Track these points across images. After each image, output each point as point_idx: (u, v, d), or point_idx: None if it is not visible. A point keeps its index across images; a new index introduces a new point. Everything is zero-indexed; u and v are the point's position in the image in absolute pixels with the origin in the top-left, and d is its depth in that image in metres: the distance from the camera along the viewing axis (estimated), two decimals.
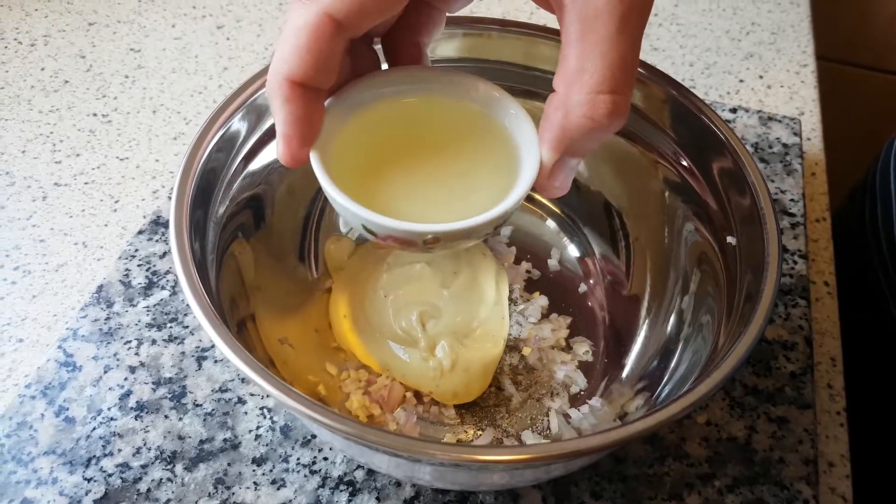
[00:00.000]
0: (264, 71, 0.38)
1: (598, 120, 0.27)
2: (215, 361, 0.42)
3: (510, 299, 0.45)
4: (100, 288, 0.45)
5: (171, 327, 0.44)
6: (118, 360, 0.42)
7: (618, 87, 0.26)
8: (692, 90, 0.40)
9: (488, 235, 0.32)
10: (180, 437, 0.39)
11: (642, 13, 0.26)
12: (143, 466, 0.38)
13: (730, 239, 0.37)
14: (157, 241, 0.48)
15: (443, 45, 0.42)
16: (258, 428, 0.40)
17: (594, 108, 0.27)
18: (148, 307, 0.45)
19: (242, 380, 0.42)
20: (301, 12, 0.26)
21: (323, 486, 0.38)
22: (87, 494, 0.37)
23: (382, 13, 0.27)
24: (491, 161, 0.33)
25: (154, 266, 0.47)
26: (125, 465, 0.38)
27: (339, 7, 0.26)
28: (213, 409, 0.40)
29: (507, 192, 0.31)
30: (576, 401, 0.42)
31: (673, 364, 0.38)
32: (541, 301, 0.46)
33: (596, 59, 0.26)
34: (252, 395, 0.41)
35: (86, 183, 0.53)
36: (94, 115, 0.58)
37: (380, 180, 0.32)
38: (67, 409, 0.40)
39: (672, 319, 0.41)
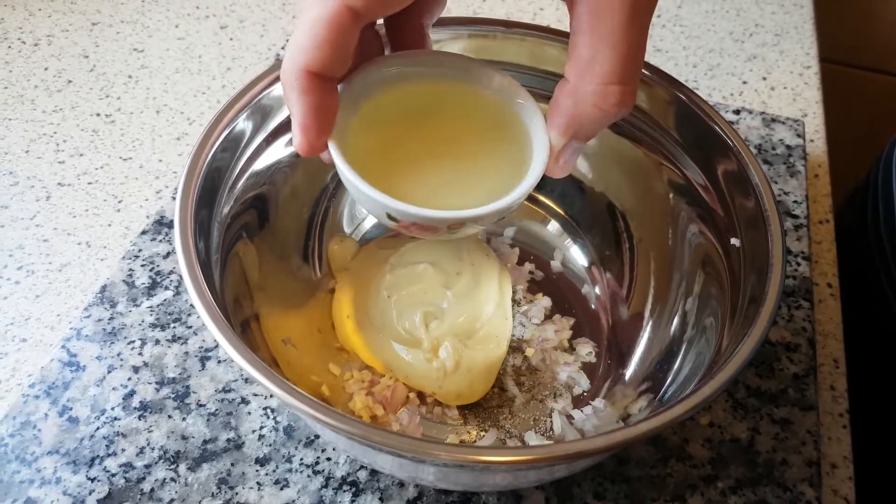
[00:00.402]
0: (268, 71, 0.38)
1: (607, 109, 0.28)
2: (219, 361, 0.42)
3: (513, 300, 0.45)
4: (103, 288, 0.45)
5: (174, 327, 0.44)
6: (122, 360, 0.42)
7: (626, 77, 0.28)
8: (696, 92, 0.40)
9: (504, 218, 0.33)
10: (184, 437, 0.39)
11: (650, 5, 0.27)
12: (147, 466, 0.38)
13: (733, 241, 0.37)
14: (160, 241, 0.48)
15: (448, 47, 0.42)
16: (261, 428, 0.40)
17: (604, 99, 0.28)
18: (151, 307, 0.45)
19: (246, 380, 0.42)
20: (319, 3, 0.26)
21: (326, 486, 0.38)
22: (90, 494, 0.37)
23: (403, 2, 0.27)
24: (502, 145, 0.33)
25: (158, 266, 0.47)
26: (128, 465, 0.38)
27: (359, 2, 0.26)
28: (216, 409, 0.40)
29: (519, 175, 0.32)
30: (579, 402, 0.42)
31: (676, 366, 0.38)
32: (544, 302, 0.46)
33: (606, 50, 0.27)
34: (255, 395, 0.41)
35: (89, 183, 0.53)
36: (98, 115, 0.58)
37: (396, 166, 0.32)
38: (71, 408, 0.40)
39: (675, 321, 0.41)
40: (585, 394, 0.42)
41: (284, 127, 0.40)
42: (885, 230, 0.55)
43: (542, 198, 0.49)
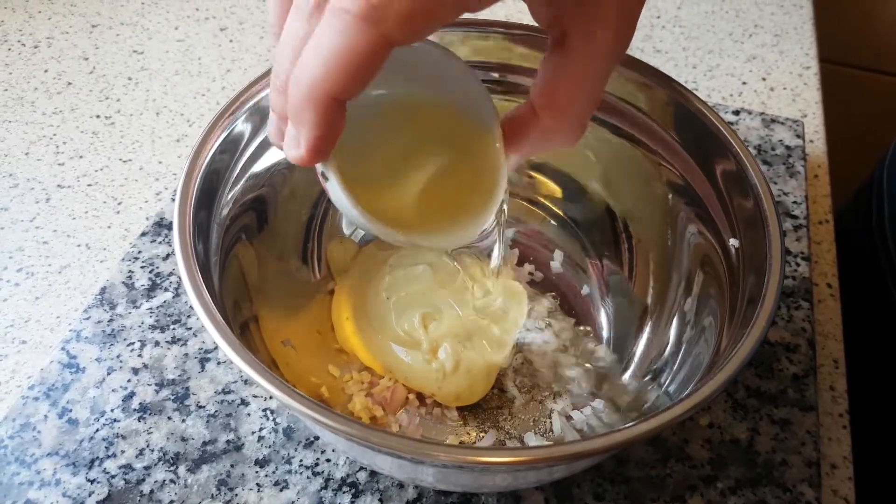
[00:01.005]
0: (267, 73, 0.38)
1: (568, 144, 0.31)
2: (218, 363, 0.42)
3: None
4: (103, 290, 0.45)
5: (174, 329, 0.44)
6: (121, 361, 0.42)
7: (589, 117, 0.30)
8: (695, 92, 0.40)
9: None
10: (183, 439, 0.39)
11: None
12: (146, 468, 0.38)
13: (732, 241, 0.37)
14: (160, 242, 0.48)
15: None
16: (261, 430, 0.40)
17: (571, 138, 0.30)
18: (151, 309, 0.45)
19: (245, 381, 0.42)
20: (357, 32, 0.24)
21: (325, 487, 0.38)
22: (90, 496, 0.37)
23: (435, 29, 0.26)
24: (473, 158, 0.33)
25: (157, 268, 0.47)
26: (128, 467, 0.38)
27: (400, 34, 0.24)
28: (215, 411, 0.40)
29: (491, 193, 0.33)
30: (578, 403, 0.42)
31: (675, 366, 0.38)
32: (544, 303, 0.46)
33: (586, 97, 0.29)
34: (255, 396, 0.41)
35: (89, 185, 0.53)
36: (98, 116, 0.58)
37: (380, 179, 0.32)
38: (70, 410, 0.40)
39: (674, 322, 0.41)
40: (585, 395, 0.42)
41: None
42: (890, 230, 0.55)
43: (541, 199, 0.49)
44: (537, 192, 0.48)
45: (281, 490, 0.38)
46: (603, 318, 0.45)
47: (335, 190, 0.30)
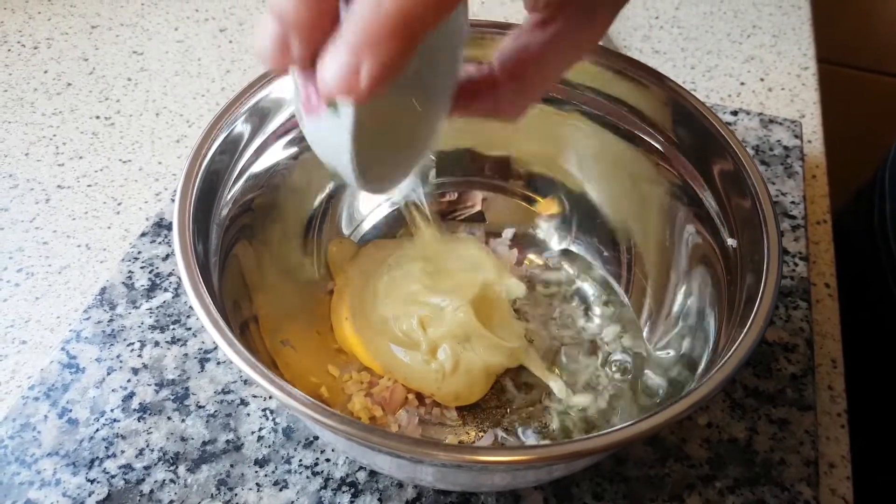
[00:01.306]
0: (266, 73, 0.38)
1: (514, 121, 0.31)
2: (218, 363, 0.43)
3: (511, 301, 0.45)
4: (103, 290, 0.46)
5: (173, 329, 0.44)
6: (121, 361, 0.42)
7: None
8: (693, 93, 0.40)
9: None
10: (183, 439, 0.39)
11: None
12: (146, 468, 0.38)
13: (730, 241, 0.37)
14: (159, 243, 0.48)
15: None
16: (260, 429, 0.40)
17: (520, 114, 0.31)
18: (151, 309, 0.45)
19: (245, 381, 0.42)
20: None
21: (325, 487, 0.38)
22: (90, 496, 0.37)
23: None
24: (422, 115, 0.33)
25: (157, 268, 0.47)
26: (128, 467, 0.38)
27: None
28: (215, 411, 0.40)
29: (423, 150, 0.33)
30: (577, 402, 0.42)
31: (673, 365, 0.38)
32: (541, 303, 0.46)
33: (553, 77, 0.30)
34: (255, 396, 0.41)
35: (89, 185, 0.53)
36: (97, 117, 0.59)
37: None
38: (70, 410, 0.40)
39: (673, 321, 0.41)
40: (583, 394, 0.42)
41: (283, 129, 0.41)
42: (892, 230, 0.55)
43: (539, 198, 0.49)
44: (535, 192, 0.49)
45: (280, 490, 0.38)
46: (601, 318, 0.45)
47: (344, 127, 0.26)
